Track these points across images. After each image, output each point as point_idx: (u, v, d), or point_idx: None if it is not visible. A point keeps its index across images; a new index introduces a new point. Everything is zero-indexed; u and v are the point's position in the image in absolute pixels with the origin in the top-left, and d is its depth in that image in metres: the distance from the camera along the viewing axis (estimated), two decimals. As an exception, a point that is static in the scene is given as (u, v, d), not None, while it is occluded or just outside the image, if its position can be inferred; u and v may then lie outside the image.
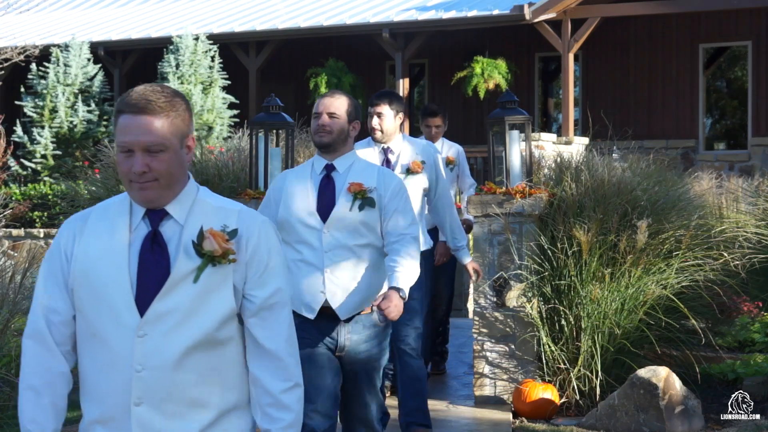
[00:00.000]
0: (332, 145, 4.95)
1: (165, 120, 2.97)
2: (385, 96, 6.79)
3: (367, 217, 4.90)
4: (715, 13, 18.95)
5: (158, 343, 2.88)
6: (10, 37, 20.56)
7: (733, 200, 10.49)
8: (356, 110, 5.01)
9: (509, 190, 8.01)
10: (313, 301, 4.89)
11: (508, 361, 8.02)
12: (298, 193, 4.95)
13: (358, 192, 4.89)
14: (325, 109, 4.95)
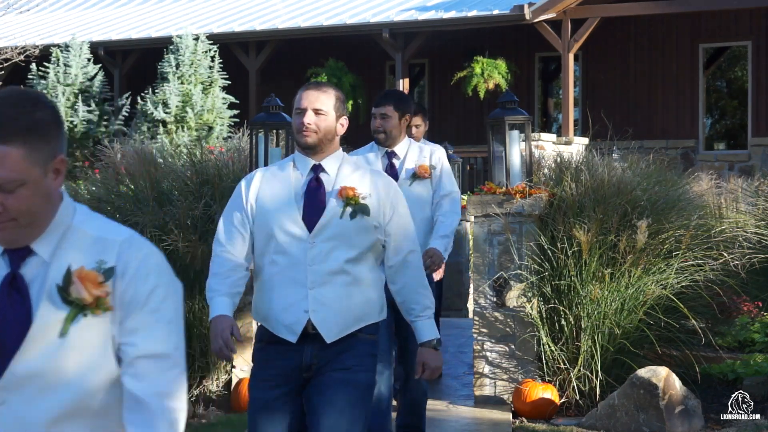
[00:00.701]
0: (319, 145, 4.25)
1: (20, 149, 2.30)
2: (391, 97, 6.39)
3: (359, 226, 4.20)
4: (715, 13, 18.95)
5: (20, 413, 2.34)
6: (10, 37, 20.56)
7: (732, 200, 10.48)
8: (344, 104, 4.34)
9: (509, 190, 8.01)
10: (296, 322, 4.15)
11: (508, 361, 8.02)
12: (278, 196, 4.24)
13: (350, 198, 4.20)
14: (310, 105, 4.25)
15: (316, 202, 4.22)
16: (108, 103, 19.69)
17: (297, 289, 4.17)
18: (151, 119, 18.31)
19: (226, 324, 4.13)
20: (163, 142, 16.39)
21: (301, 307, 4.16)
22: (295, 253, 4.17)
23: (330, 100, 4.28)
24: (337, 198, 4.20)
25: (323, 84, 4.35)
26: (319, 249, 4.17)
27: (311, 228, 4.18)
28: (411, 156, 6.41)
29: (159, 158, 9.03)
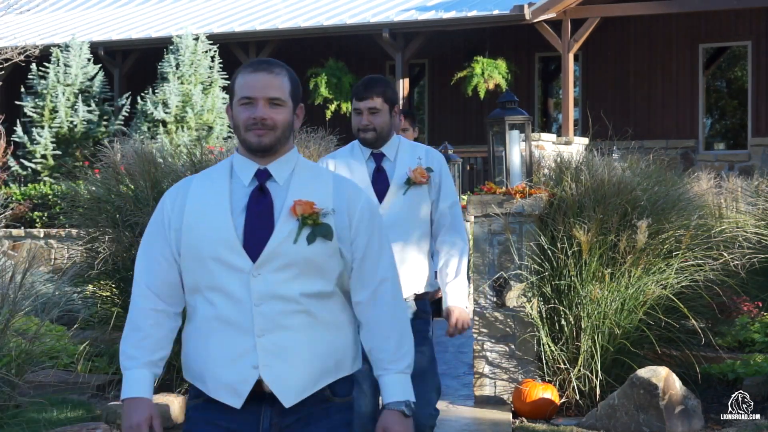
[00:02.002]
0: (274, 146, 3.23)
1: None
2: (378, 84, 4.99)
3: (319, 251, 3.18)
4: (715, 13, 18.95)
5: None
6: (10, 37, 20.57)
7: (732, 200, 10.49)
8: (299, 89, 3.33)
9: (509, 190, 8.01)
10: (240, 381, 3.16)
11: (508, 361, 8.02)
12: (211, 213, 3.20)
13: (308, 215, 3.18)
14: (263, 93, 3.21)
15: (261, 220, 3.20)
16: (108, 103, 19.69)
17: (239, 337, 3.17)
18: (151, 119, 18.31)
19: (142, 414, 3.19)
20: (163, 142, 16.39)
21: (248, 362, 3.16)
22: (233, 289, 3.16)
23: (286, 85, 3.26)
24: (290, 215, 3.18)
25: (275, 63, 3.29)
26: (265, 283, 3.16)
27: (255, 256, 3.16)
28: (403, 157, 5.04)
29: (159, 158, 9.02)
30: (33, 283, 8.36)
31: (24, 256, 8.10)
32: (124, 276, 8.37)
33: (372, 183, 4.90)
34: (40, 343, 7.24)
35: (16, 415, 6.82)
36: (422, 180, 4.97)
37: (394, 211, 4.91)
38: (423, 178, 4.97)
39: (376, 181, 4.93)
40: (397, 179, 4.96)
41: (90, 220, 8.74)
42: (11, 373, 6.83)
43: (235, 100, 3.22)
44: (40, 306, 7.65)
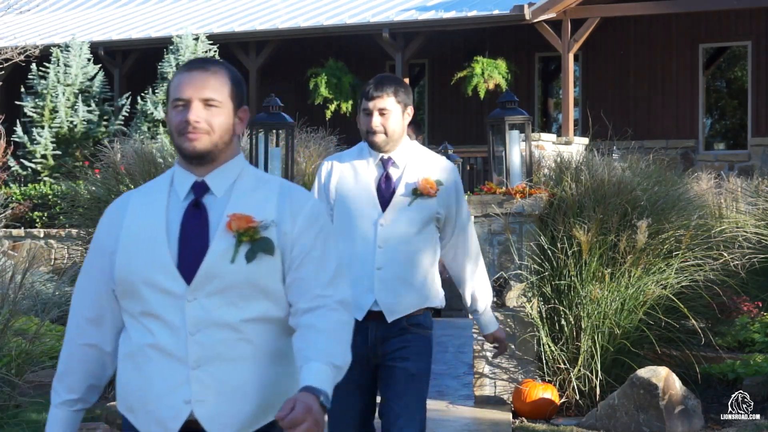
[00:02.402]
0: (211, 153, 2.88)
1: None
2: (389, 83, 4.60)
3: (262, 270, 2.84)
4: (715, 13, 18.95)
5: None
6: (10, 37, 20.57)
7: (732, 200, 10.49)
8: (242, 89, 2.97)
9: (509, 190, 8.01)
10: (171, 417, 2.86)
11: (508, 361, 8.02)
12: (145, 233, 2.89)
13: (244, 230, 2.83)
14: (196, 94, 2.86)
15: (197, 239, 2.86)
16: (108, 103, 19.69)
17: (173, 368, 2.84)
18: (151, 119, 18.31)
19: None
20: (163, 142, 16.39)
21: (180, 396, 2.84)
22: (167, 315, 2.84)
23: (225, 85, 2.91)
24: (225, 231, 2.83)
25: (212, 61, 2.96)
26: (201, 308, 2.83)
27: (190, 279, 2.83)
28: (414, 165, 4.60)
29: (159, 158, 9.03)
30: (33, 283, 8.36)
31: (24, 256, 8.10)
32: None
33: (377, 190, 4.52)
34: (40, 343, 7.24)
35: (16, 415, 6.82)
36: (430, 191, 4.52)
37: (397, 222, 4.48)
38: (432, 190, 4.52)
39: (382, 188, 4.54)
40: (403, 188, 4.52)
41: (90, 220, 8.75)
42: (11, 373, 6.83)
43: (168, 103, 2.89)
44: (40, 306, 7.65)
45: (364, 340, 4.45)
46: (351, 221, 4.49)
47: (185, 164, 2.90)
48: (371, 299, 4.46)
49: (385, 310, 4.46)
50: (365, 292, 4.45)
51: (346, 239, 4.46)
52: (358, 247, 4.47)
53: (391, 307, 4.46)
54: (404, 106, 4.59)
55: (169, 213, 2.87)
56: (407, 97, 4.61)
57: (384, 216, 4.47)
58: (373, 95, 4.56)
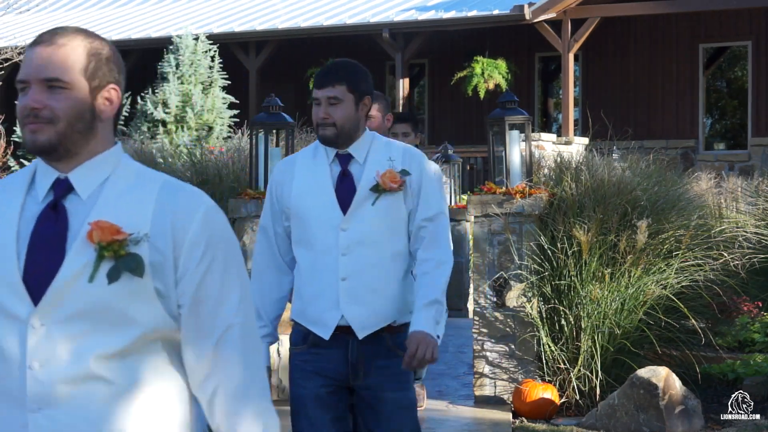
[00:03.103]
0: (61, 146, 2.23)
1: None
2: (341, 70, 3.99)
3: (123, 294, 2.18)
4: (715, 13, 18.95)
5: None
6: (10, 37, 20.57)
7: (732, 200, 10.49)
8: (115, 63, 2.30)
9: (509, 190, 8.01)
10: None
11: (508, 361, 8.02)
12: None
13: (107, 243, 2.17)
14: (35, 74, 2.28)
15: (50, 250, 2.21)
16: (108, 103, 19.68)
17: (11, 412, 2.21)
18: (151, 119, 18.31)
19: None
20: (163, 142, 16.39)
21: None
22: (6, 345, 2.21)
23: (78, 59, 2.25)
24: (85, 243, 2.18)
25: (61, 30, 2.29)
26: (48, 339, 2.18)
27: (38, 299, 2.19)
28: (374, 158, 4.02)
29: (159, 158, 9.02)
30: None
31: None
32: (124, 276, 8.35)
33: (336, 191, 3.97)
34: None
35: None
36: (393, 186, 3.94)
37: (361, 225, 3.93)
38: (394, 184, 3.94)
39: (341, 188, 3.97)
40: (363, 186, 3.95)
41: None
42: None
43: None
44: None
45: (343, 358, 3.95)
46: (309, 229, 3.97)
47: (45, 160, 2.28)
48: (337, 315, 3.94)
49: (355, 326, 3.93)
50: (330, 307, 3.94)
51: (305, 249, 3.99)
52: (318, 257, 3.95)
53: (362, 321, 3.93)
54: (360, 95, 3.97)
55: (23, 215, 2.25)
56: (363, 84, 3.99)
57: (345, 219, 3.94)
58: (322, 82, 3.97)
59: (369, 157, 4.02)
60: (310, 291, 4.00)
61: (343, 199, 3.97)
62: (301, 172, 4.04)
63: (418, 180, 4.02)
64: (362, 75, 4.03)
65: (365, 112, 4.04)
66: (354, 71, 4.02)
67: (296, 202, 4.00)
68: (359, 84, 3.99)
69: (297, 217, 4.01)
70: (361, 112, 4.01)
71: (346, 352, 3.96)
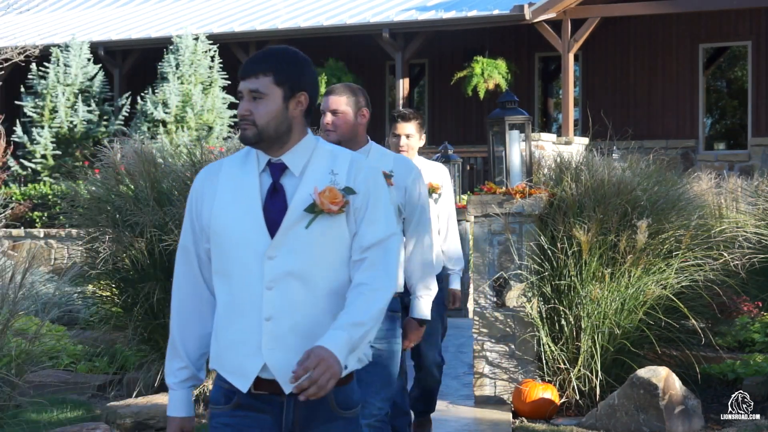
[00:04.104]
0: None
1: None
2: (268, 58, 3.27)
3: None
4: (715, 13, 18.95)
5: None
6: (10, 37, 20.57)
7: (732, 200, 10.49)
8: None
9: (509, 190, 8.01)
10: None
11: (508, 361, 8.02)
12: None
13: None
14: None
15: None
16: (108, 103, 19.69)
17: None
18: (151, 119, 18.31)
19: None
20: (163, 142, 16.39)
21: None
22: None
23: None
24: None
25: None
26: None
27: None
28: (314, 170, 3.26)
29: (159, 158, 9.02)
30: (33, 283, 8.37)
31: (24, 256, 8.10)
32: (124, 276, 8.37)
33: (264, 209, 3.19)
34: (40, 343, 7.24)
35: (16, 415, 6.82)
36: (332, 208, 3.17)
37: (291, 252, 3.16)
38: (334, 205, 3.17)
39: (270, 206, 3.20)
40: (297, 204, 3.18)
41: (90, 220, 8.74)
42: (11, 373, 6.82)
43: None
44: (40, 306, 7.65)
45: (275, 424, 3.20)
46: (229, 255, 3.21)
47: None
48: (258, 363, 3.16)
49: (281, 378, 3.14)
50: (251, 353, 3.17)
51: (224, 280, 3.22)
52: (239, 291, 3.19)
53: (290, 372, 3.08)
54: (289, 90, 3.25)
55: None
56: (297, 76, 3.26)
57: (272, 245, 3.16)
58: (245, 72, 3.31)
59: (308, 169, 3.24)
60: (228, 333, 3.21)
61: (273, 219, 3.18)
62: (226, 183, 3.26)
63: (364, 199, 3.23)
64: (295, 65, 3.27)
65: (301, 111, 3.26)
66: (284, 59, 3.26)
67: (216, 220, 3.22)
68: (290, 76, 3.23)
69: (216, 240, 3.22)
70: (293, 110, 3.25)
71: (280, 416, 3.19)
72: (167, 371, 3.35)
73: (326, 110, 4.85)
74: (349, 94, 4.88)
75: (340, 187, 3.20)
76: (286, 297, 3.16)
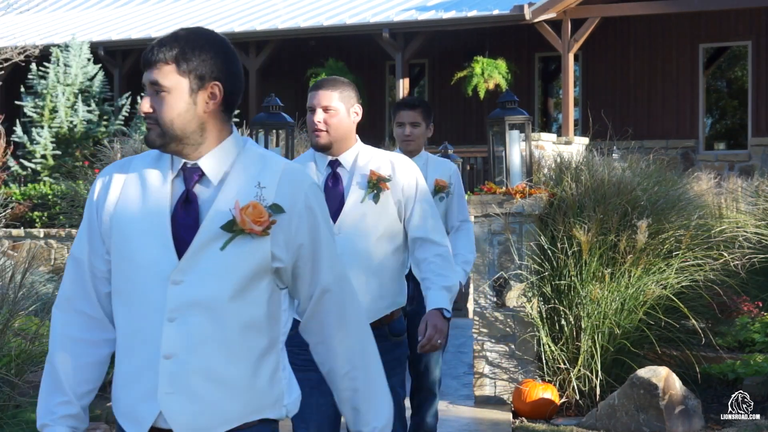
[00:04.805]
0: None
1: None
2: (171, 44, 2.64)
3: None
4: (715, 13, 18.95)
5: None
6: (10, 37, 20.56)
7: (732, 200, 10.49)
8: None
9: (509, 190, 8.02)
10: None
11: (508, 361, 8.02)
12: None
13: None
14: None
15: None
16: (108, 103, 19.69)
17: None
18: (151, 119, 18.28)
19: None
20: (163, 142, 16.38)
21: None
22: None
23: None
24: None
25: None
26: None
27: None
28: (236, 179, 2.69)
29: (159, 158, 9.04)
30: (33, 283, 8.36)
31: (24, 256, 8.09)
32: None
33: (172, 222, 2.66)
34: (40, 343, 7.24)
35: (16, 415, 6.82)
36: (254, 228, 2.62)
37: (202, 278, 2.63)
38: (257, 225, 2.62)
39: (181, 219, 2.66)
40: (212, 220, 2.62)
41: (90, 220, 8.74)
42: (11, 373, 6.82)
43: None
44: (40, 306, 7.65)
45: None
46: (128, 276, 2.67)
47: None
48: (154, 409, 2.63)
49: (178, 430, 2.62)
50: (145, 396, 2.64)
51: (123, 305, 2.69)
52: (137, 320, 2.66)
53: (189, 423, 2.61)
54: (198, 80, 2.66)
55: None
56: (206, 63, 2.67)
57: (179, 268, 2.62)
58: (146, 61, 2.69)
59: (229, 177, 2.66)
60: (123, 368, 2.68)
61: (183, 236, 2.63)
62: (132, 186, 2.71)
63: (296, 220, 2.65)
64: (204, 49, 2.67)
65: (217, 106, 2.67)
66: (190, 44, 2.66)
67: (117, 231, 2.68)
68: (199, 63, 2.65)
69: (115, 255, 2.69)
70: (205, 105, 2.66)
71: None
72: (41, 410, 2.71)
73: (316, 107, 4.10)
74: (341, 88, 4.14)
75: (267, 203, 2.61)
76: (189, 331, 2.58)
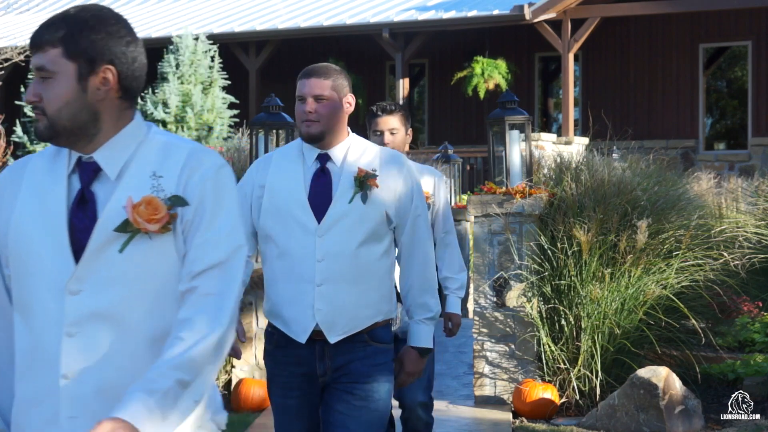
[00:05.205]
0: None
1: None
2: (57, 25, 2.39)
3: None
4: (715, 13, 18.96)
5: None
6: (10, 37, 20.57)
7: (732, 200, 10.49)
8: None
9: (509, 190, 8.02)
10: None
11: (508, 361, 8.02)
12: None
13: None
14: None
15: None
16: (108, 103, 19.68)
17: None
18: (151, 119, 18.31)
19: None
20: (163, 142, 16.39)
21: None
22: None
23: None
24: None
25: None
26: None
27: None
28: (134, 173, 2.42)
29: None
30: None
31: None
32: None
33: (69, 225, 2.37)
34: None
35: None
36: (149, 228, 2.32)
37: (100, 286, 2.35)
38: (153, 224, 2.33)
39: (77, 221, 2.38)
40: (107, 220, 2.35)
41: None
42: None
43: None
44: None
45: None
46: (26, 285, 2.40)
47: None
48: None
49: None
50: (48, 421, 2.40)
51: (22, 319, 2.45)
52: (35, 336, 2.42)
53: None
54: (88, 64, 2.42)
55: None
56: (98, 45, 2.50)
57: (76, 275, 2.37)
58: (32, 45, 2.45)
59: (128, 170, 2.37)
60: (22, 388, 2.42)
61: (81, 241, 2.36)
62: (29, 187, 2.42)
63: (199, 208, 2.36)
64: (95, 29, 2.49)
65: (110, 92, 2.40)
66: (78, 23, 2.44)
67: (14, 238, 2.40)
68: (88, 45, 2.41)
69: (13, 265, 2.43)
70: (97, 91, 2.38)
71: None
72: None
73: (307, 95, 3.82)
74: (333, 75, 3.86)
75: (165, 195, 2.32)
76: (91, 347, 2.30)
